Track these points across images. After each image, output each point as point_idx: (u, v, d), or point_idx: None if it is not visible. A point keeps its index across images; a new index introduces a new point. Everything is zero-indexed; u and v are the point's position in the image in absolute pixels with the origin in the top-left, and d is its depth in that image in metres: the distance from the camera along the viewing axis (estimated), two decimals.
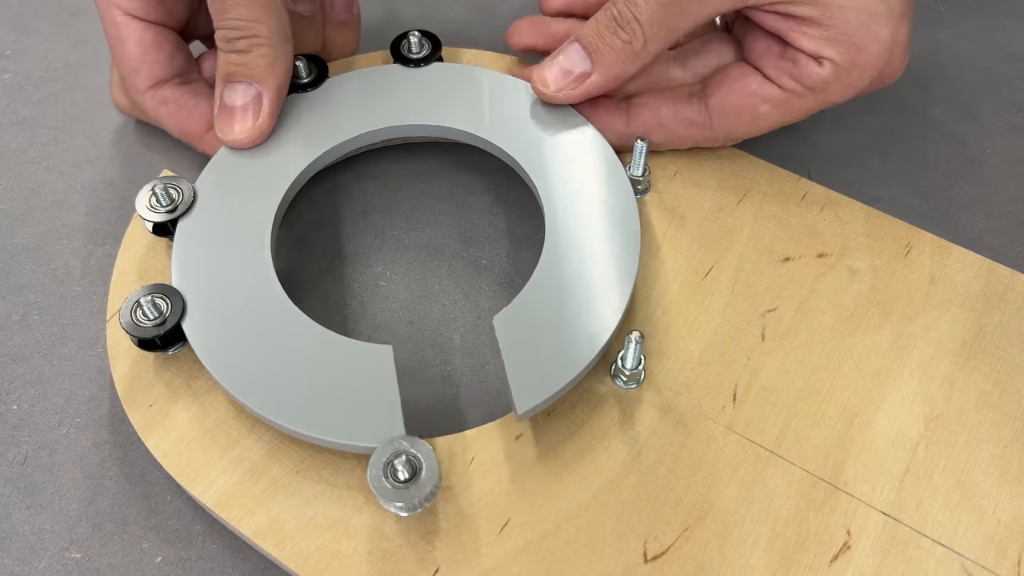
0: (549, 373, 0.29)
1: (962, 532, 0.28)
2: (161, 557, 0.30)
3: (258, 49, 0.33)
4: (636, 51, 0.33)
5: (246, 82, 0.34)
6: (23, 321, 0.35)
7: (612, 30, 0.33)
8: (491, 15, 0.48)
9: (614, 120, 0.36)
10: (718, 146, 0.37)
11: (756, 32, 0.36)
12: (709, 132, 0.36)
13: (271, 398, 0.29)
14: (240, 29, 0.33)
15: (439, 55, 0.38)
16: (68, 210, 0.39)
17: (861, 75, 0.33)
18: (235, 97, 0.34)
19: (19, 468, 0.32)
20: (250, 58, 0.33)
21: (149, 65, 0.35)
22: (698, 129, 0.36)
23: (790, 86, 0.34)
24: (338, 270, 0.37)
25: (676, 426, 0.30)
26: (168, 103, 0.36)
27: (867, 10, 0.32)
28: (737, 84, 0.35)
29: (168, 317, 0.30)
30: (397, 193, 0.39)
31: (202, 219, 0.33)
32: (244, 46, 0.33)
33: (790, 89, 0.34)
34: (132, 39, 0.35)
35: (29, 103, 0.43)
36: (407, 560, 0.27)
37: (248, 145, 0.34)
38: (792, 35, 0.33)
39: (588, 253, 0.32)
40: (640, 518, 0.28)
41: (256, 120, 0.34)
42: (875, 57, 0.33)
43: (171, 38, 0.36)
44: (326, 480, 0.29)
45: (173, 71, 0.36)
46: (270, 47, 0.33)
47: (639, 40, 0.33)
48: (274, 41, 0.33)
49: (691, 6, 0.33)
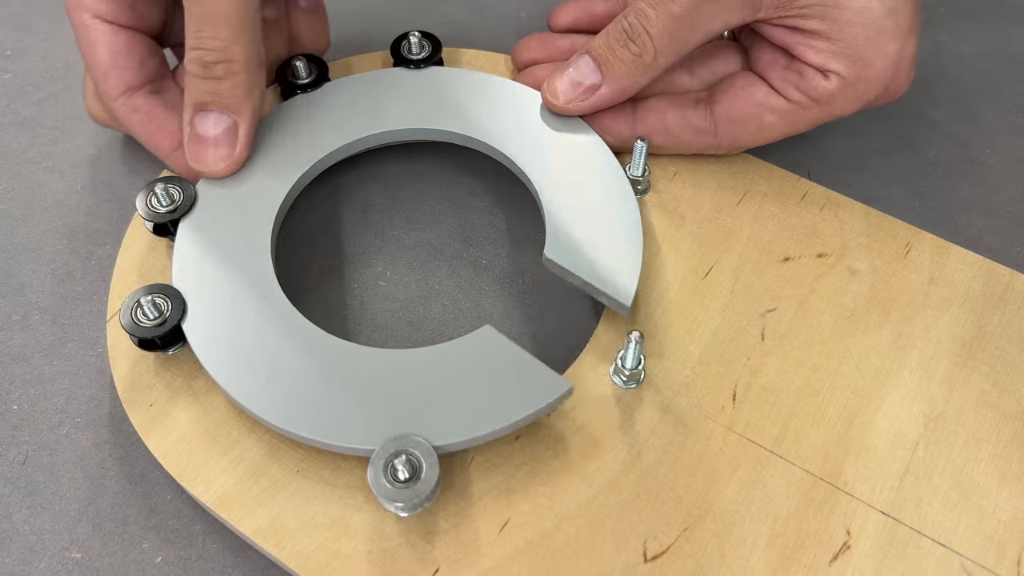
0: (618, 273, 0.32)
1: (962, 532, 0.28)
2: (161, 557, 0.30)
3: (234, 77, 0.31)
4: (646, 64, 0.34)
5: (219, 111, 0.32)
6: (23, 321, 0.35)
7: (623, 43, 0.33)
8: (491, 15, 0.48)
9: (619, 124, 0.36)
10: (722, 154, 0.37)
11: (763, 43, 0.35)
12: (713, 139, 0.36)
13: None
14: (216, 51, 0.31)
15: (439, 56, 0.38)
16: (68, 210, 0.39)
17: (867, 89, 0.33)
18: (207, 127, 0.32)
19: (19, 468, 0.32)
20: (225, 87, 0.31)
21: (120, 70, 0.34)
22: (703, 136, 0.36)
23: (796, 98, 0.34)
24: (338, 270, 0.37)
25: (676, 426, 0.30)
26: (139, 111, 0.34)
27: (875, 25, 0.32)
28: (743, 93, 0.35)
29: (168, 317, 0.30)
30: (398, 193, 0.39)
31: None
32: (220, 72, 0.31)
33: (796, 101, 0.34)
34: (102, 43, 0.33)
35: (29, 103, 0.43)
36: (407, 560, 0.27)
37: (223, 175, 0.33)
38: (799, 48, 0.33)
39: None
40: (640, 518, 0.28)
41: (232, 150, 0.33)
42: (882, 71, 0.33)
43: (144, 42, 0.35)
44: (326, 480, 0.29)
45: (144, 77, 0.34)
46: (246, 74, 0.32)
47: (649, 53, 0.33)
48: (250, 67, 0.32)
49: (701, 20, 0.33)
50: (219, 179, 0.34)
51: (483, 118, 0.36)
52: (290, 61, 0.37)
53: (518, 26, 0.47)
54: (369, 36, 0.44)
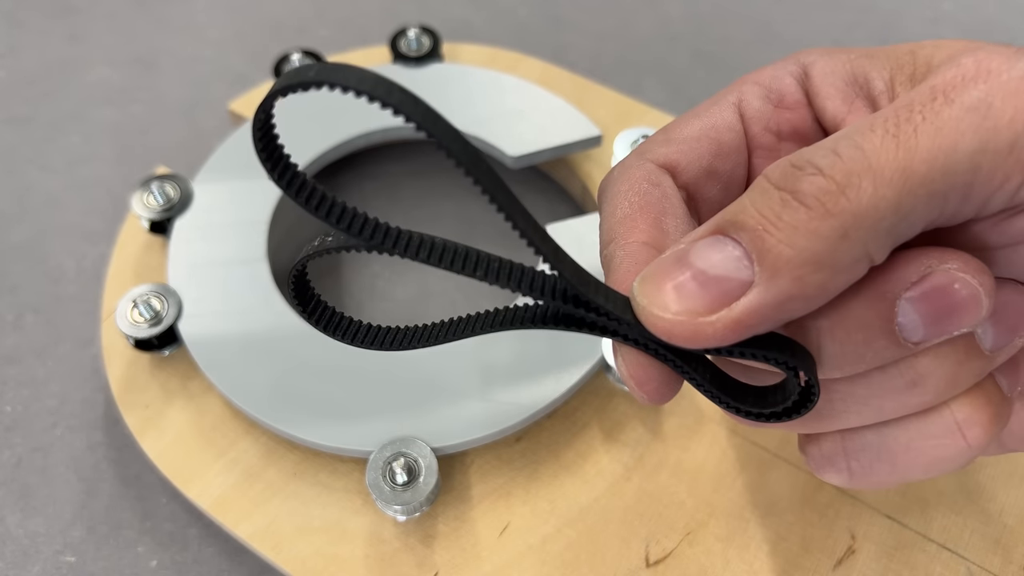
0: None
1: (967, 536, 0.28)
2: (156, 561, 0.30)
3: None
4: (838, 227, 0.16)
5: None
6: (16, 322, 0.35)
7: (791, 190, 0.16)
8: (490, 10, 0.47)
9: None
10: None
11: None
12: None
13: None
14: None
15: (439, 51, 0.38)
16: (62, 209, 0.38)
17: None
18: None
19: (12, 471, 0.31)
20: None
21: None
22: None
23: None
24: (335, 269, 0.36)
25: (679, 428, 0.30)
26: None
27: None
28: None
29: (164, 317, 0.30)
30: (396, 192, 0.39)
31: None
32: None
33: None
34: None
35: (23, 101, 0.42)
36: (406, 564, 0.27)
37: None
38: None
39: None
40: (642, 522, 0.28)
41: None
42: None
43: None
44: (323, 483, 0.28)
45: None
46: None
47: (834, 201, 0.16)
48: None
49: None
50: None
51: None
52: (287, 57, 0.36)
53: (517, 21, 0.47)
54: (368, 32, 0.44)
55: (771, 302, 0.16)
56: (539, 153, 0.35)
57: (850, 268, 0.16)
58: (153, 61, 0.45)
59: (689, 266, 0.17)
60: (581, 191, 0.37)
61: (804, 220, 0.16)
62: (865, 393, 0.18)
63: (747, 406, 0.19)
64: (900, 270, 0.17)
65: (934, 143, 0.16)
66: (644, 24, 0.48)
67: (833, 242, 0.16)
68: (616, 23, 0.48)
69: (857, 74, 0.20)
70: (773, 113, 0.21)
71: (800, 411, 0.18)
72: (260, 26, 0.47)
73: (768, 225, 0.16)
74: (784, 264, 0.16)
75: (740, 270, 0.16)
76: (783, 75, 0.22)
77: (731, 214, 0.17)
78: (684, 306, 0.17)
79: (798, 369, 0.17)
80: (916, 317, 0.17)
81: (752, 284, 0.16)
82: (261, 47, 0.46)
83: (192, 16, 0.48)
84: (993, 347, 0.18)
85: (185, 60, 0.45)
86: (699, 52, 0.46)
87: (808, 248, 0.16)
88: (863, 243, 0.16)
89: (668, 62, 0.46)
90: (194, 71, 0.45)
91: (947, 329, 0.17)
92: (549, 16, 0.48)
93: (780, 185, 0.16)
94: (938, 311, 0.17)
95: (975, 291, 0.17)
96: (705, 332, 0.16)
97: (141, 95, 0.43)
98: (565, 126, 0.35)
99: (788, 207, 0.16)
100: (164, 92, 0.44)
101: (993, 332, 0.18)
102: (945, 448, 0.19)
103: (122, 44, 0.46)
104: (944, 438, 0.19)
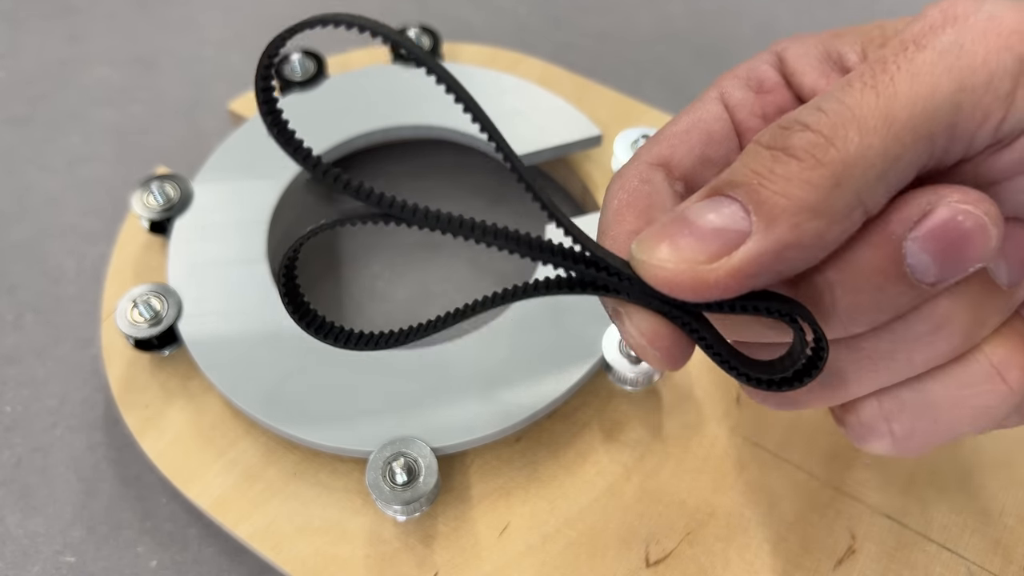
0: None
1: (968, 536, 0.28)
2: (156, 561, 0.30)
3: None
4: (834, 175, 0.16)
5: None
6: (16, 322, 0.35)
7: (781, 146, 0.17)
8: (491, 10, 0.47)
9: None
10: None
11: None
12: None
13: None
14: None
15: (439, 51, 0.38)
16: (62, 209, 0.38)
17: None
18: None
19: (12, 471, 0.31)
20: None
21: None
22: None
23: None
24: (335, 270, 0.36)
25: (680, 428, 0.30)
26: None
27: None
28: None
29: (164, 317, 0.30)
30: (396, 192, 0.39)
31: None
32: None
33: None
34: None
35: (23, 101, 0.42)
36: (406, 564, 0.27)
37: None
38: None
39: None
40: (642, 522, 0.28)
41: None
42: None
43: None
44: (323, 483, 0.28)
45: None
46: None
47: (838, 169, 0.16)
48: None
49: None
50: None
51: None
52: (287, 57, 0.36)
53: (517, 21, 0.47)
54: None
55: (770, 249, 0.16)
56: (539, 153, 0.35)
57: (846, 216, 0.16)
58: (153, 61, 0.45)
59: (687, 223, 0.17)
60: (581, 191, 0.37)
61: (796, 171, 0.16)
62: (891, 347, 0.18)
63: (757, 372, 0.19)
64: (902, 211, 0.17)
65: (912, 88, 0.16)
66: (644, 24, 0.48)
67: (826, 190, 0.16)
68: (616, 23, 0.48)
69: (830, 51, 0.21)
70: (756, 99, 0.22)
71: (812, 372, 0.18)
72: (260, 26, 0.47)
73: (762, 179, 0.17)
74: (780, 212, 0.16)
75: (738, 222, 0.17)
76: (759, 64, 0.22)
77: (725, 176, 0.17)
78: (684, 256, 0.17)
79: (800, 319, 0.17)
80: (925, 256, 0.17)
81: (750, 234, 0.16)
82: (261, 47, 0.45)
83: (192, 16, 0.48)
84: (1010, 282, 0.18)
85: (185, 60, 0.45)
86: (700, 52, 0.46)
87: (802, 197, 0.16)
88: (855, 191, 0.16)
89: (668, 62, 0.46)
90: (194, 71, 0.45)
91: (960, 264, 0.17)
92: (549, 16, 0.48)
93: (771, 144, 0.17)
94: (946, 246, 0.17)
95: (980, 219, 0.16)
96: (707, 280, 0.17)
97: (141, 95, 0.43)
98: (565, 126, 0.35)
99: (779, 161, 0.17)
100: (164, 92, 0.44)
101: (1006, 267, 0.18)
102: (987, 395, 0.18)
103: (122, 44, 0.46)
104: (984, 384, 0.18)
